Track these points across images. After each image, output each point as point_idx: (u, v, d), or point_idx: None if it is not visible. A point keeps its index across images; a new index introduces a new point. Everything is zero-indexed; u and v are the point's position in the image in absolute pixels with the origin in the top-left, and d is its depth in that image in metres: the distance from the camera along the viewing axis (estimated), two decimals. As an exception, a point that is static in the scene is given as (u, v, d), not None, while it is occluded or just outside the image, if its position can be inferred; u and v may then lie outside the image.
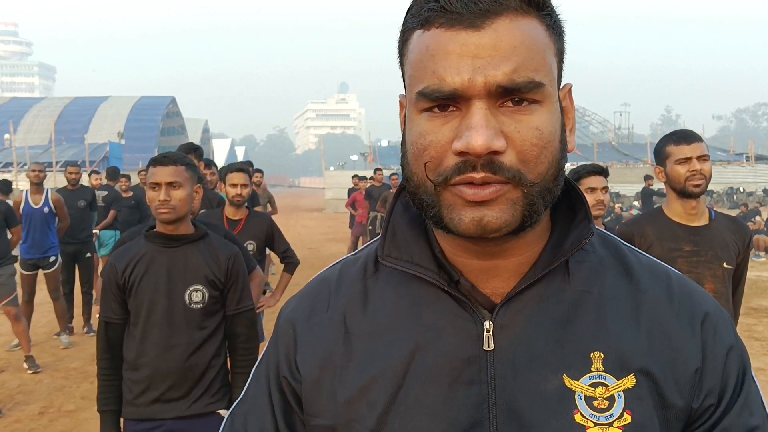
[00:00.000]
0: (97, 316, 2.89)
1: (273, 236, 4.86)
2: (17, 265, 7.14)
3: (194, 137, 56.53)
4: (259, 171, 10.70)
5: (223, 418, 3.39)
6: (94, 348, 2.90)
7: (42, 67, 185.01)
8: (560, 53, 0.85)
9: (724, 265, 2.82)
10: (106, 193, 9.69)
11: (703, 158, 2.87)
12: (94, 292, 8.56)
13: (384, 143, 55.51)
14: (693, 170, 2.85)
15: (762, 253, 15.35)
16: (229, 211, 4.74)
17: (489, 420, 0.84)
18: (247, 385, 1.05)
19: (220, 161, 47.23)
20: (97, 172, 10.90)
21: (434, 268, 0.90)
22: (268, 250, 5.16)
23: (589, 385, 0.84)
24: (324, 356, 0.94)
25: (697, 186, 2.85)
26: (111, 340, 2.78)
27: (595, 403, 0.83)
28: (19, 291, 6.89)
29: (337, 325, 0.95)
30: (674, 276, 0.96)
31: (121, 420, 2.82)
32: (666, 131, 3.04)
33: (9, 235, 6.66)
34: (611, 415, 0.83)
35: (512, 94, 0.78)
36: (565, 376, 0.84)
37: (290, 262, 4.99)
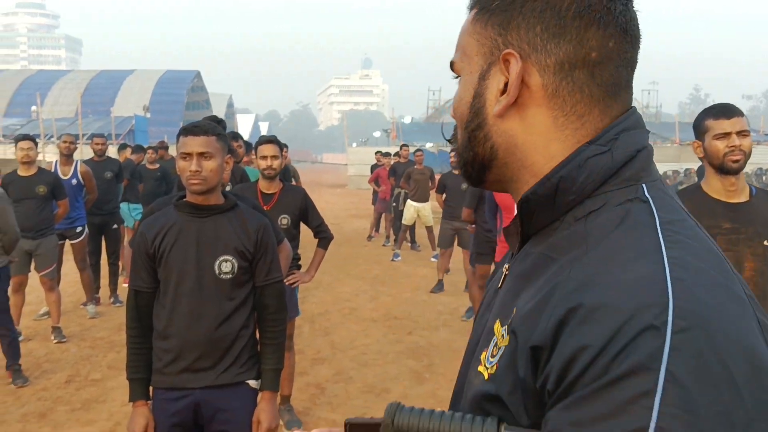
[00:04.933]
0: (125, 285, 2.90)
1: (307, 210, 4.71)
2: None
3: (219, 112, 56.58)
4: (285, 146, 10.70)
5: (252, 388, 3.38)
6: (121, 318, 2.91)
7: (68, 40, 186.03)
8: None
9: (765, 243, 2.74)
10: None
11: (743, 134, 2.79)
12: (120, 263, 8.64)
13: (407, 120, 55.13)
14: (732, 146, 2.77)
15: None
16: (262, 185, 4.64)
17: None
18: None
19: (244, 136, 46.93)
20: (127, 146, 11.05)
21: None
22: None
23: (501, 334, 0.88)
24: None
25: (736, 162, 2.78)
26: (140, 309, 2.78)
27: (494, 349, 0.88)
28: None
29: None
30: (614, 247, 0.77)
31: (150, 389, 2.83)
32: (695, 111, 2.93)
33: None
34: (492, 361, 0.87)
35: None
36: (498, 322, 0.91)
37: (324, 237, 4.81)
